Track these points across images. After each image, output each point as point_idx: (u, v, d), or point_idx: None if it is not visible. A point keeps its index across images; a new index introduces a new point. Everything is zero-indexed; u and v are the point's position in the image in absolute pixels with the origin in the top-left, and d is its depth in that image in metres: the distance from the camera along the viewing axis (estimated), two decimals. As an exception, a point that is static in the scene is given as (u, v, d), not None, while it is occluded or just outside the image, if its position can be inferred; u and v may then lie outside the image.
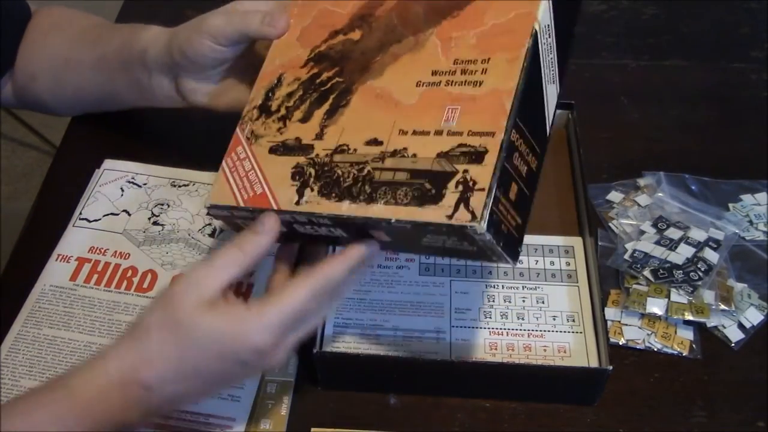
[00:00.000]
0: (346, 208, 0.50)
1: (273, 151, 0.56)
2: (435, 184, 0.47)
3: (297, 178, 0.53)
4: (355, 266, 0.51)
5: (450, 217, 0.46)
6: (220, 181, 0.57)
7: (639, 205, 0.75)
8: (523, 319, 0.65)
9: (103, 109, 0.79)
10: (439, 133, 0.49)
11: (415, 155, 0.49)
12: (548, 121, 0.53)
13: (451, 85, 0.51)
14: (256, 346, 0.49)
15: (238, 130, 0.59)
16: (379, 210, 0.49)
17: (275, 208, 0.53)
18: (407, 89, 0.52)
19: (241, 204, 0.55)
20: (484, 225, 0.45)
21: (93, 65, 0.73)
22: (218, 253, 0.52)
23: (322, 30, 0.59)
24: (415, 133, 0.50)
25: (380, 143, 0.51)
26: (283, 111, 0.57)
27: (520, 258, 0.68)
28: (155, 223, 0.73)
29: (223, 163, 0.58)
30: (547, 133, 0.53)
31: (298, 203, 0.52)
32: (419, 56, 0.53)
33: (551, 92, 0.53)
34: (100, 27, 0.77)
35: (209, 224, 0.72)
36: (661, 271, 0.68)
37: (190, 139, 0.76)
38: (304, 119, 0.55)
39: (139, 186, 0.76)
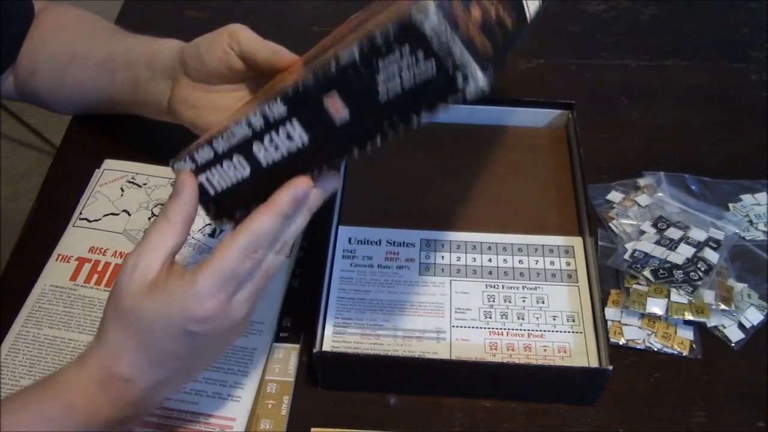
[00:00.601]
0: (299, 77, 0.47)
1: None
2: (384, 22, 0.43)
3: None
4: (289, 211, 0.49)
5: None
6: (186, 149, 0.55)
7: (639, 205, 0.75)
8: (523, 319, 0.65)
9: (96, 111, 0.80)
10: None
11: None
12: (526, 6, 0.50)
13: None
14: (197, 316, 0.48)
15: None
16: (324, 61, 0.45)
17: (228, 125, 0.51)
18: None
19: (201, 141, 0.52)
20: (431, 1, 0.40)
21: (99, 62, 0.74)
22: (150, 229, 0.51)
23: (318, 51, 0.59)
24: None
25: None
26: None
27: (520, 258, 0.69)
28: (155, 223, 0.73)
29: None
30: (526, 17, 0.50)
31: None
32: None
33: None
34: (114, 30, 0.78)
35: (209, 224, 0.72)
36: (661, 271, 0.68)
37: (190, 139, 0.76)
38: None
39: (139, 186, 0.76)
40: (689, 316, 0.66)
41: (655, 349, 0.65)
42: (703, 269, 0.68)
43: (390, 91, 0.44)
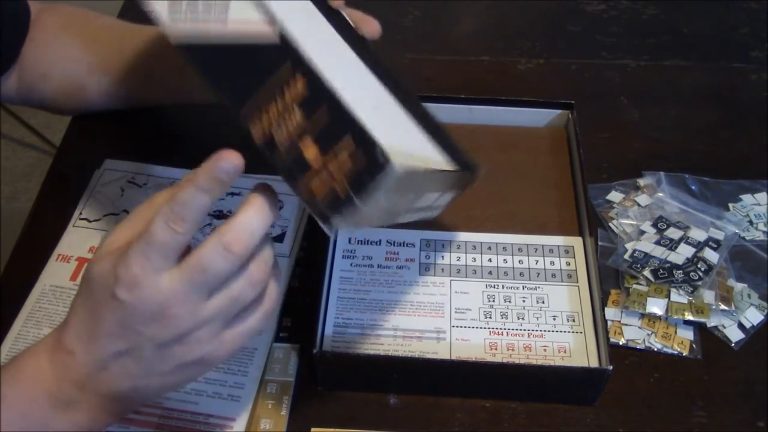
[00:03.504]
0: None
1: None
2: None
3: None
4: (204, 183, 0.44)
5: None
6: None
7: (639, 205, 0.75)
8: (523, 319, 0.65)
9: (123, 108, 0.80)
10: None
11: None
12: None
13: None
14: (120, 276, 0.45)
15: None
16: None
17: None
18: None
19: None
20: None
21: (121, 77, 0.74)
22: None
23: None
24: None
25: None
26: None
27: (520, 258, 0.69)
28: (155, 223, 0.73)
29: None
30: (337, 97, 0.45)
31: None
32: None
33: None
34: (119, 29, 0.78)
35: (209, 224, 0.72)
36: (661, 271, 0.68)
37: (190, 139, 0.76)
38: None
39: (139, 186, 0.76)
40: (689, 316, 0.66)
41: (655, 349, 0.65)
42: (703, 269, 0.68)
43: None
